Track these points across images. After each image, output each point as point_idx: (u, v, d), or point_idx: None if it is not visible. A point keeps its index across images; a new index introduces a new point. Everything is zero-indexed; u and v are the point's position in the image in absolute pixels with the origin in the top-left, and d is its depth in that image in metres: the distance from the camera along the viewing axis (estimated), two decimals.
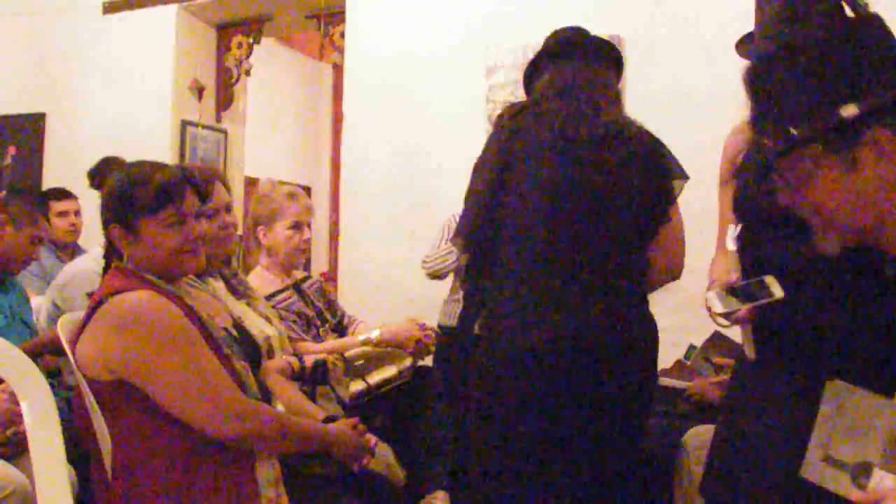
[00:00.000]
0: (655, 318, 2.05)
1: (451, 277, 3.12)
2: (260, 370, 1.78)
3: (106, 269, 1.63)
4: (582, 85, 1.86)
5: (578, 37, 1.98)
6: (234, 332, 1.72)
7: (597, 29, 3.41)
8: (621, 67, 1.99)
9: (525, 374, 1.71)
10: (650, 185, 1.81)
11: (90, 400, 1.48)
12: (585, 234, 1.74)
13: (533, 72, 1.96)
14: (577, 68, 1.89)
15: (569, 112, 1.80)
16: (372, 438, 1.72)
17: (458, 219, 2.27)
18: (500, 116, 1.91)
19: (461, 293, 2.60)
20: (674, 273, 1.95)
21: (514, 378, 1.72)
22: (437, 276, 3.12)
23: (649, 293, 1.88)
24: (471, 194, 1.90)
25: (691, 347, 2.86)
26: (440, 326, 3.01)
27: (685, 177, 1.91)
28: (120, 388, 1.44)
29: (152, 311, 1.45)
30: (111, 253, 1.61)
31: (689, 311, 3.26)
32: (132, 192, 1.54)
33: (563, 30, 2.03)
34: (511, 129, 1.83)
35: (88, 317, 1.49)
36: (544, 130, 1.78)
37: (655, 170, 1.83)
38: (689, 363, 2.71)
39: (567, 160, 1.75)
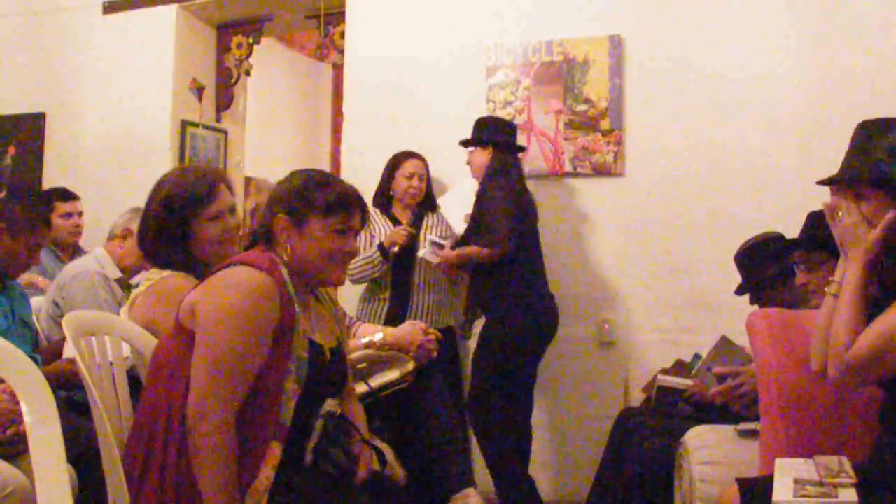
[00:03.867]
0: (657, 317, 3.35)
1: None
2: (332, 399, 1.73)
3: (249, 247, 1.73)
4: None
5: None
6: (328, 356, 1.70)
7: (597, 29, 3.44)
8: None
9: (539, 333, 3.12)
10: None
11: (92, 396, 1.48)
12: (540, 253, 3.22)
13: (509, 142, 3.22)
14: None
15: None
16: None
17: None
18: (514, 186, 3.07)
19: (389, 292, 3.29)
20: None
21: (534, 333, 3.10)
22: (360, 282, 3.30)
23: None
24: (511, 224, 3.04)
25: (696, 357, 2.86)
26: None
27: None
28: (190, 341, 1.53)
29: (254, 292, 1.52)
30: (259, 239, 1.70)
31: (689, 311, 3.27)
32: (314, 191, 1.66)
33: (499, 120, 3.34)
34: (521, 191, 3.12)
35: (213, 273, 1.61)
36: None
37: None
38: (693, 372, 2.72)
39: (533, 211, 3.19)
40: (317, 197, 1.65)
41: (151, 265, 2.03)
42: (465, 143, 3.28)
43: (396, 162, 3.37)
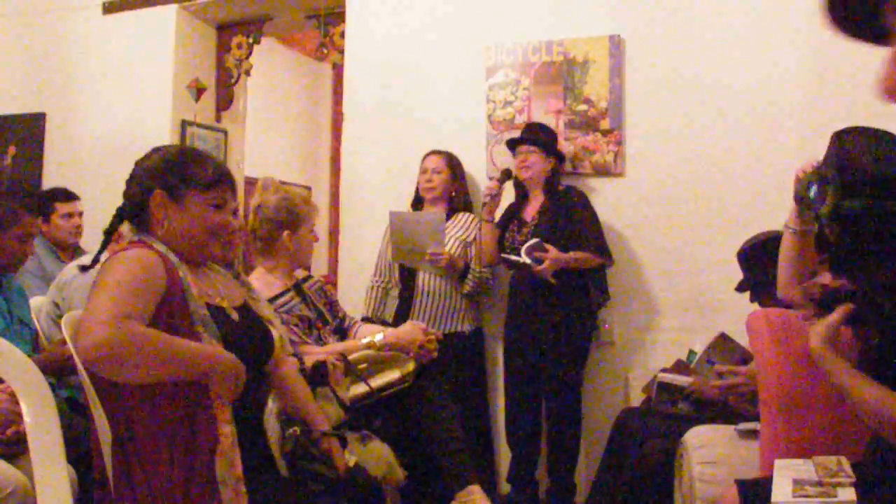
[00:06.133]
0: (656, 318, 3.33)
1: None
2: (269, 361, 1.76)
3: (109, 231, 1.71)
4: None
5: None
6: (235, 315, 1.69)
7: (597, 29, 3.43)
8: None
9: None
10: None
11: (91, 393, 1.48)
12: None
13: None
14: None
15: None
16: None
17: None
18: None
19: (397, 290, 3.35)
20: None
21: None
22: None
23: None
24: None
25: (691, 353, 2.86)
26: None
27: None
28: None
29: (136, 260, 1.51)
30: (125, 216, 1.69)
31: (689, 311, 3.27)
32: (191, 165, 1.67)
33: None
34: None
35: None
36: None
37: None
38: (691, 367, 2.72)
39: None
40: (195, 172, 1.66)
41: None
42: (527, 143, 3.26)
43: (421, 162, 3.44)
